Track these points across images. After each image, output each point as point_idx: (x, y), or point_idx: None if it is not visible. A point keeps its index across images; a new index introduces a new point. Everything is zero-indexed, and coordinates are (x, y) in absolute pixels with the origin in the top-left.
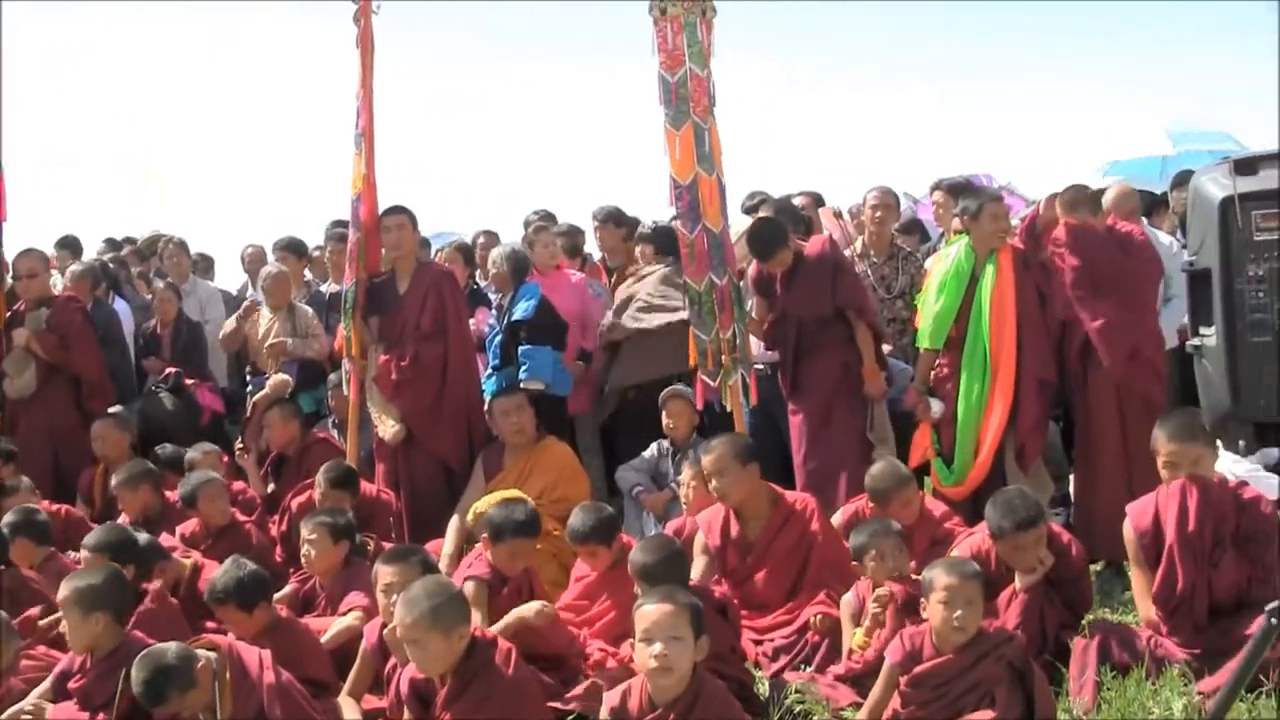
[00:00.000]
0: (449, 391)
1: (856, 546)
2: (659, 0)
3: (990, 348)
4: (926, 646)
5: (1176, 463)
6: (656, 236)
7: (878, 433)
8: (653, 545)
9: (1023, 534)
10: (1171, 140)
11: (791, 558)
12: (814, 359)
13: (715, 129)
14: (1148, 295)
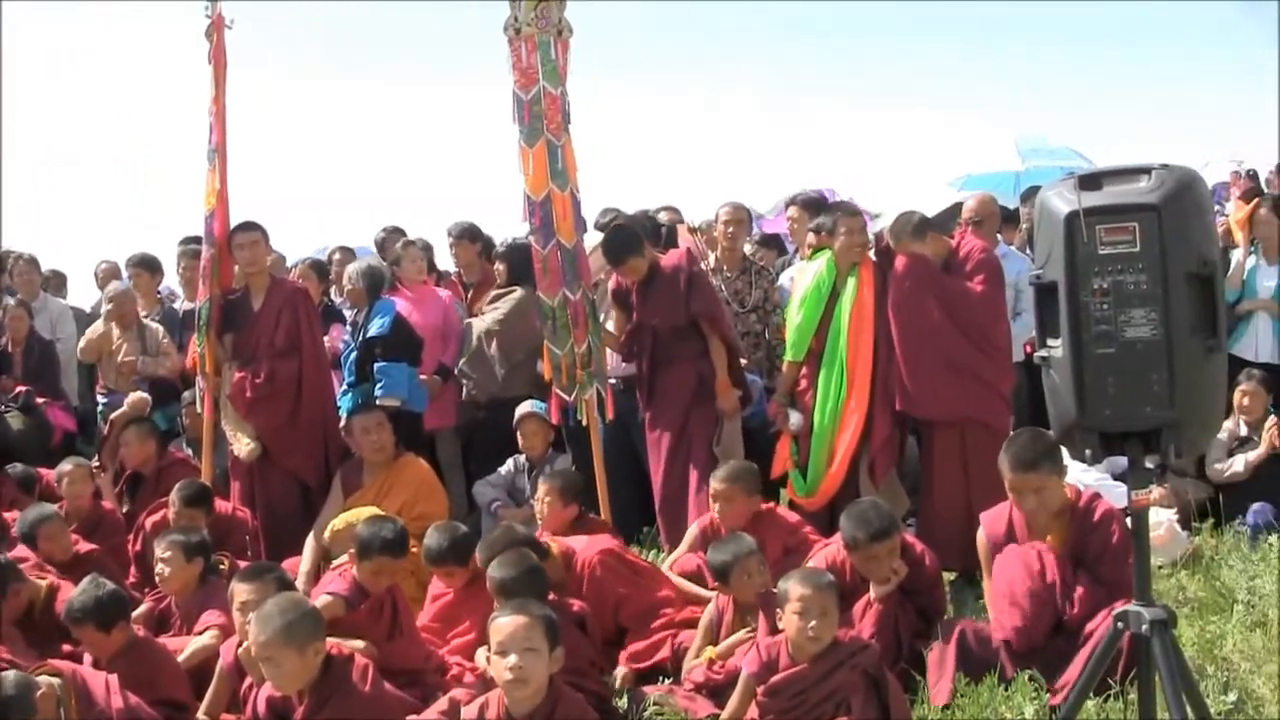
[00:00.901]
0: (304, 409)
1: (721, 563)
2: (514, 20)
3: (847, 361)
4: (782, 656)
5: (1019, 490)
6: (509, 255)
7: (724, 448)
8: (510, 560)
9: (876, 545)
10: (1021, 156)
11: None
12: (669, 370)
13: (570, 146)
14: (983, 323)
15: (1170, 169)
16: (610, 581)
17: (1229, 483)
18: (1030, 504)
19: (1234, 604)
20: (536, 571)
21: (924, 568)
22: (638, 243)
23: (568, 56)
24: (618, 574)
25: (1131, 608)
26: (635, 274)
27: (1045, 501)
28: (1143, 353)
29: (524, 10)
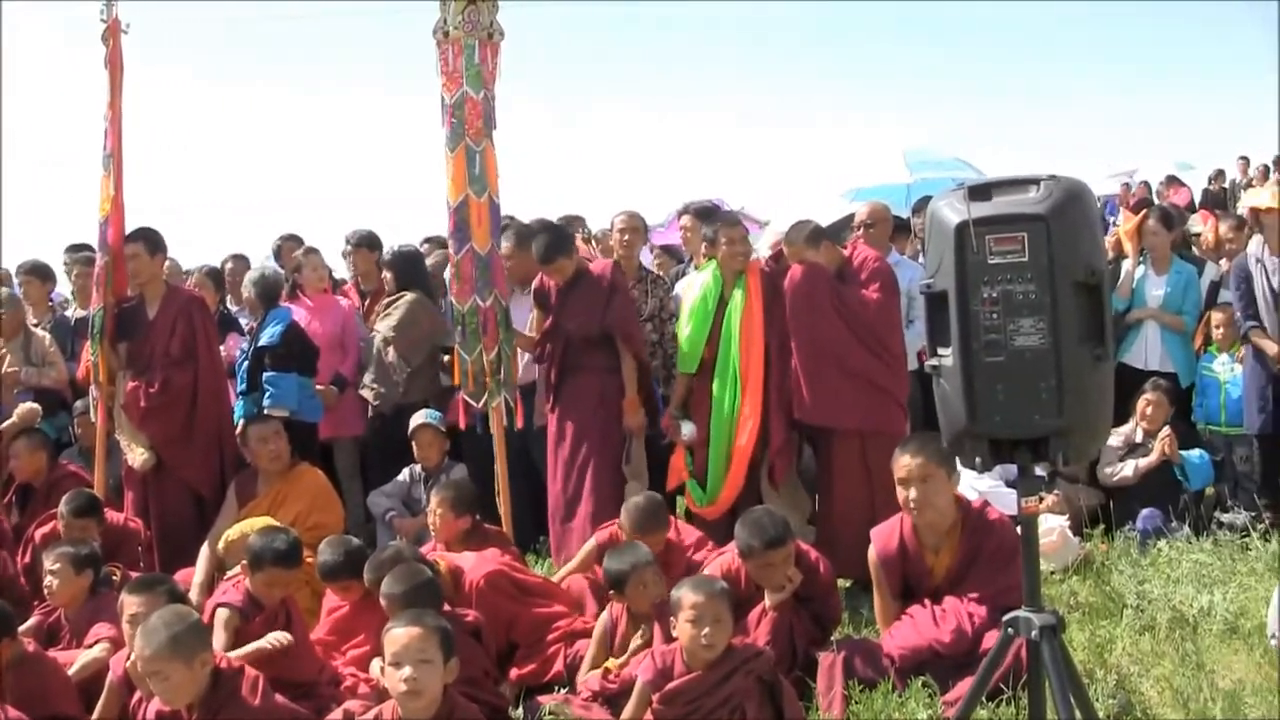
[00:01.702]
0: (199, 418)
1: (617, 573)
2: (443, 23)
3: (739, 370)
4: (677, 664)
5: (906, 479)
6: (396, 262)
7: (633, 467)
8: (403, 574)
9: (771, 552)
10: (909, 168)
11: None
12: (575, 378)
13: (491, 151)
14: (879, 331)
15: (1058, 180)
16: (499, 601)
17: (1119, 488)
18: (916, 494)
19: (1124, 608)
20: (430, 584)
21: (819, 575)
22: (568, 244)
23: (498, 60)
24: (506, 593)
25: (1021, 614)
26: (561, 275)
27: (931, 496)
28: (1031, 361)
29: (453, 13)
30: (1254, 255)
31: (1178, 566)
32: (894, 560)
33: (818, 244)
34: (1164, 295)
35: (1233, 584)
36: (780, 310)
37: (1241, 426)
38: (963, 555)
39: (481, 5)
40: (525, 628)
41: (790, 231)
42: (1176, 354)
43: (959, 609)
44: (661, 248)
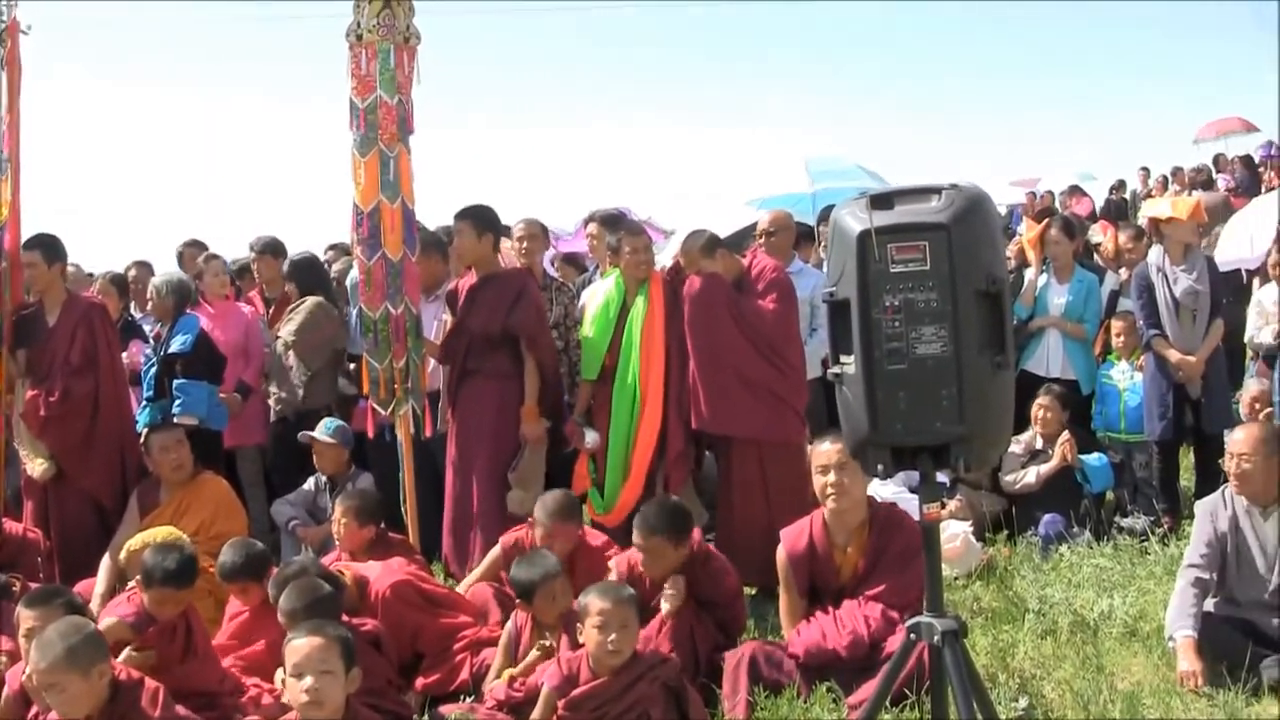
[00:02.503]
0: (100, 427)
1: (526, 583)
2: (356, 26)
3: (640, 378)
4: (583, 670)
5: (826, 465)
6: (295, 273)
7: (519, 474)
8: (300, 589)
9: (659, 538)
10: (812, 177)
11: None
12: (475, 382)
13: (406, 157)
14: (776, 340)
15: (960, 189)
16: (404, 611)
17: (1021, 494)
18: (834, 479)
19: (1026, 613)
20: (327, 600)
21: (724, 581)
22: (492, 226)
23: (414, 64)
24: (412, 603)
25: (924, 619)
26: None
27: (849, 485)
28: (933, 369)
29: (367, 16)
30: (1155, 265)
31: (1079, 571)
32: (803, 559)
33: (713, 253)
34: (1066, 303)
35: (1132, 588)
36: (681, 319)
37: (1140, 434)
38: (870, 553)
39: (397, 9)
40: (430, 637)
41: (686, 241)
42: (1077, 361)
43: (855, 615)
44: (566, 256)
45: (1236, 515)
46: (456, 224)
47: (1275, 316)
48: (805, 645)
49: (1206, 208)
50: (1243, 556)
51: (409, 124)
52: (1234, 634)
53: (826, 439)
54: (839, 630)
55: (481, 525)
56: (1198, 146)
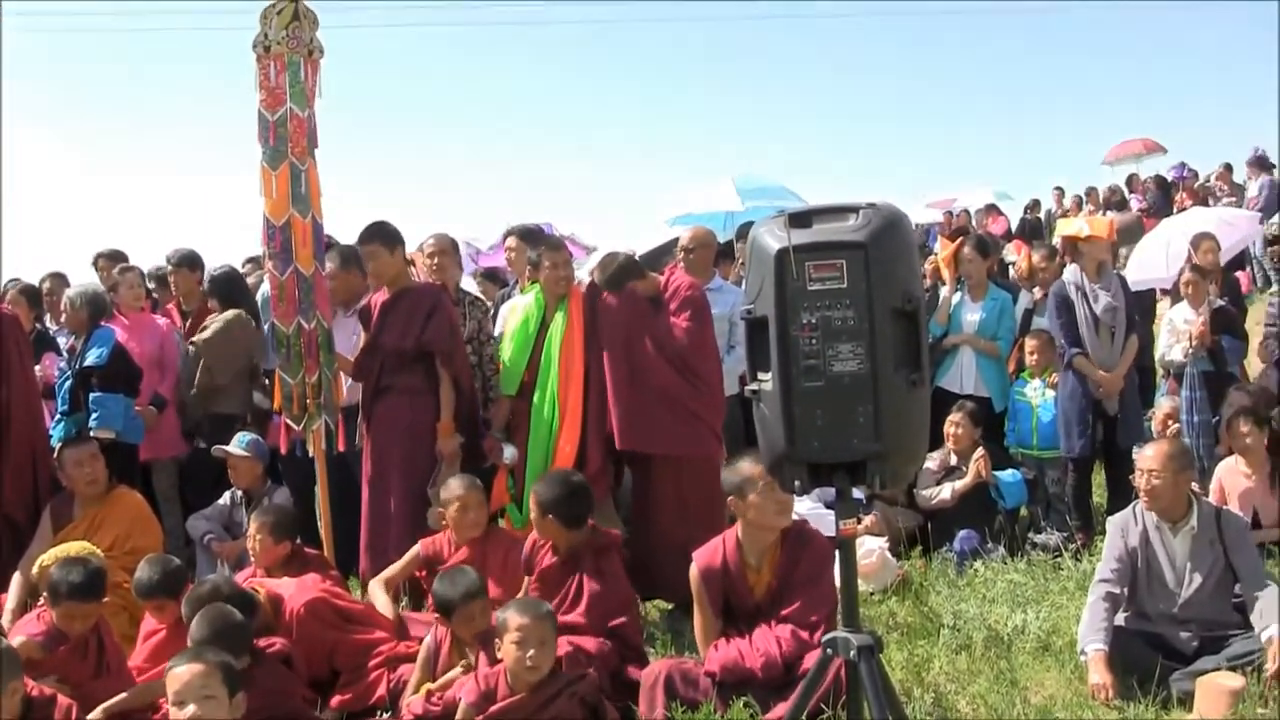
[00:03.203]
0: (12, 440)
1: (446, 600)
2: (264, 38)
3: (558, 394)
4: (501, 686)
5: (755, 477)
6: (216, 288)
7: (439, 490)
8: (209, 618)
9: (548, 521)
10: (740, 196)
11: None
12: (389, 398)
13: (314, 170)
14: (691, 358)
15: (877, 208)
16: (320, 629)
17: (936, 511)
18: (767, 498)
19: (941, 628)
20: (237, 627)
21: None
22: (393, 241)
23: (318, 78)
24: (327, 621)
25: (840, 634)
26: (378, 273)
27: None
28: (849, 386)
29: (275, 28)
30: (1073, 283)
31: (993, 586)
32: (716, 577)
33: (619, 286)
34: (979, 321)
35: (1045, 603)
36: (600, 335)
37: (1052, 450)
38: (782, 571)
39: (303, 22)
40: (346, 654)
41: (602, 261)
42: (991, 378)
43: (768, 637)
44: (486, 271)
45: (1147, 531)
46: (366, 248)
47: (1186, 335)
48: (721, 663)
49: (1121, 228)
50: (1153, 571)
51: (316, 138)
52: (1144, 647)
53: (749, 456)
54: (754, 651)
55: (396, 541)
56: (1111, 168)
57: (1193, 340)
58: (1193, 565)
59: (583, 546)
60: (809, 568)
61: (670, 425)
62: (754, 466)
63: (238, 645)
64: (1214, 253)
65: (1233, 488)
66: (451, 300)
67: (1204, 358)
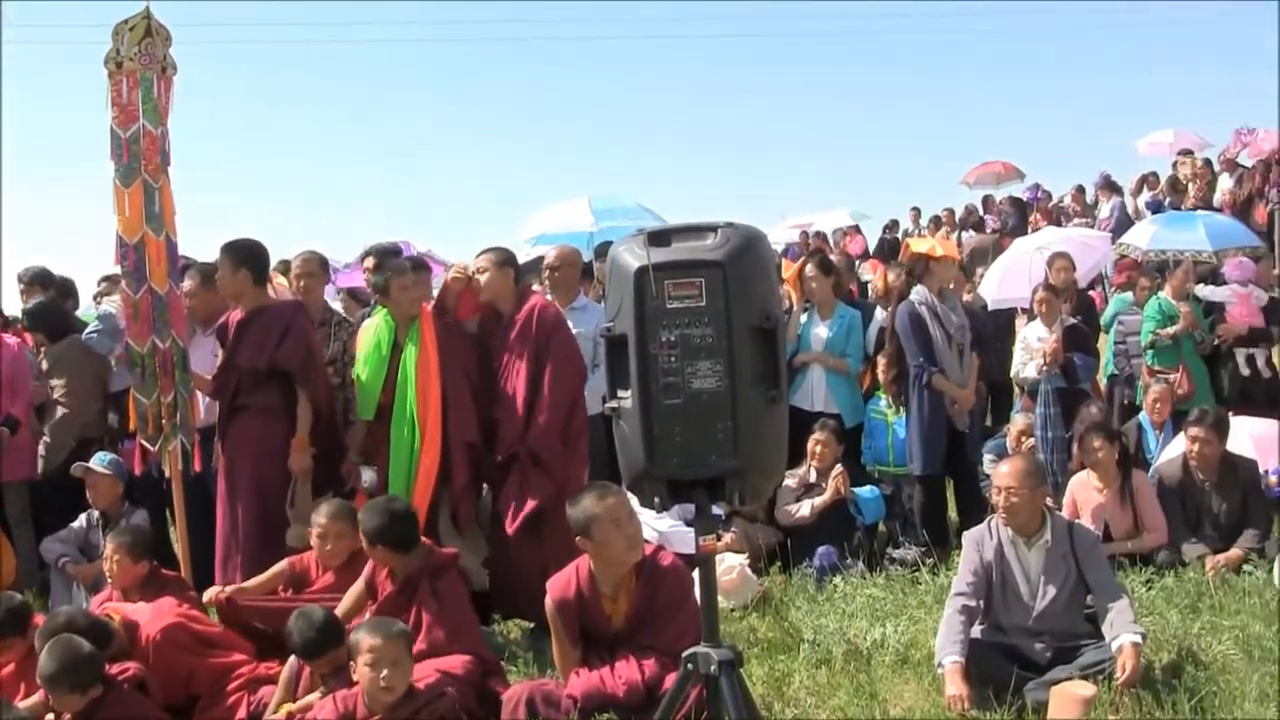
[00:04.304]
0: None
1: (307, 641)
2: (115, 54)
3: (417, 414)
4: (359, 708)
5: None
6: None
7: (298, 510)
8: (57, 651)
9: (377, 549)
10: (595, 216)
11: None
12: (244, 417)
13: (168, 188)
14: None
15: (735, 227)
16: (176, 655)
17: (796, 527)
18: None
19: (801, 643)
20: (87, 661)
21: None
22: (257, 264)
23: (171, 94)
24: (183, 646)
25: (700, 649)
26: (237, 295)
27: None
28: (708, 403)
29: (127, 44)
30: (923, 302)
31: (852, 601)
32: (571, 608)
33: None
34: (828, 338)
35: (904, 616)
36: (455, 353)
37: (910, 466)
38: (640, 601)
39: (156, 38)
40: (204, 679)
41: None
42: (841, 395)
43: (631, 665)
44: (348, 290)
45: (1002, 545)
46: (219, 258)
47: (1039, 352)
48: (584, 690)
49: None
50: (1008, 585)
51: (169, 155)
52: (1000, 659)
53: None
54: (615, 679)
55: (247, 560)
56: (970, 189)
57: (1046, 358)
58: (1046, 578)
59: (418, 571)
60: (670, 596)
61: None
62: (598, 503)
63: (87, 676)
64: (1068, 271)
65: (1085, 501)
66: (313, 320)
67: (1057, 375)
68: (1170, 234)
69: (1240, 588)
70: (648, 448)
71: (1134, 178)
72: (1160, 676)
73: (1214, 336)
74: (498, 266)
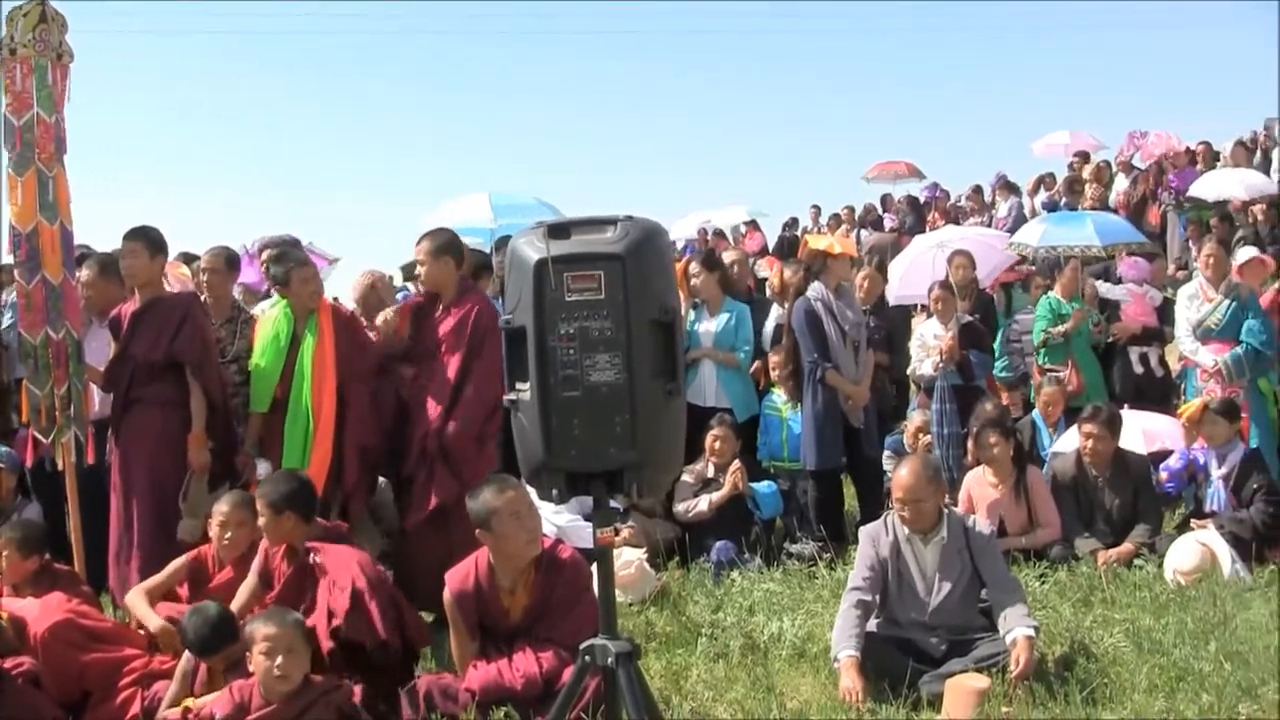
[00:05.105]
0: None
1: (201, 638)
2: (9, 40)
3: (312, 408)
4: (255, 697)
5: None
6: None
7: (190, 504)
8: None
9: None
10: (495, 212)
11: None
12: (139, 410)
13: (63, 177)
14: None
15: (634, 221)
16: (65, 651)
17: (694, 522)
18: (515, 529)
19: (699, 637)
20: None
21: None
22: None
23: (67, 83)
24: (73, 643)
25: (598, 642)
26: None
27: (527, 531)
28: (607, 396)
29: (21, 30)
30: (819, 299)
31: (750, 595)
32: (470, 600)
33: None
34: (716, 334)
35: (801, 611)
36: (351, 348)
37: (804, 461)
38: (538, 594)
39: (52, 25)
40: (96, 674)
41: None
42: (733, 390)
43: (529, 657)
44: (243, 285)
45: (898, 541)
46: (128, 244)
47: (935, 349)
48: (481, 682)
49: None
50: (904, 580)
51: (64, 144)
52: (895, 652)
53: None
54: (514, 672)
55: (141, 555)
56: (868, 183)
57: (942, 355)
58: (942, 574)
59: (319, 541)
60: (568, 590)
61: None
62: (497, 496)
63: None
64: (967, 269)
65: (980, 497)
66: (222, 316)
67: (953, 372)
68: (1060, 231)
69: (1131, 581)
70: (546, 440)
71: (1031, 178)
72: (1053, 669)
73: (1110, 327)
74: (434, 256)
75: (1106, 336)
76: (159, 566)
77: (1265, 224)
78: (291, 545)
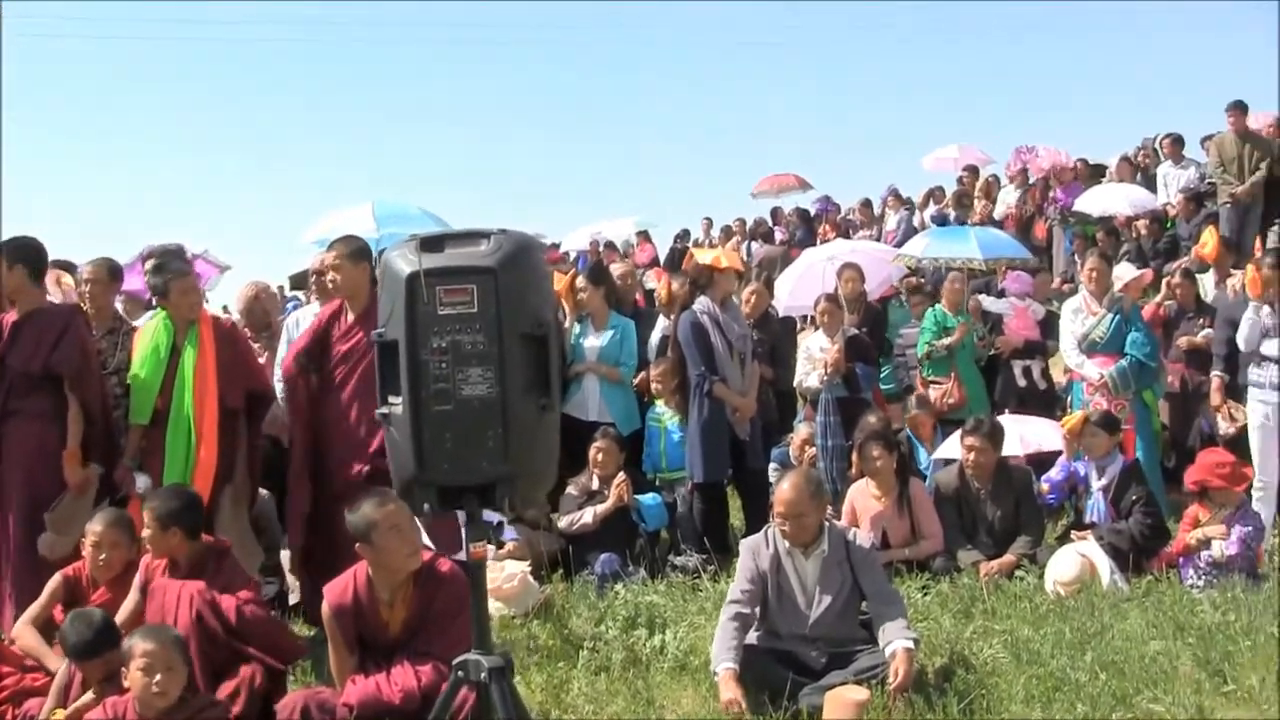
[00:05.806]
0: None
1: (80, 644)
2: None
3: (194, 419)
4: (129, 713)
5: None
6: None
7: (56, 517)
8: None
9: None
10: (378, 222)
11: None
12: (16, 421)
13: None
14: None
15: (508, 234)
16: None
17: (579, 534)
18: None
19: (581, 650)
20: None
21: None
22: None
23: None
24: None
25: (470, 656)
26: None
27: (408, 543)
28: (479, 409)
29: None
30: (705, 312)
31: (633, 608)
32: (348, 614)
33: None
34: (601, 348)
35: (684, 624)
36: (232, 359)
37: (682, 470)
38: (417, 608)
39: None
40: None
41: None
42: (616, 404)
43: (407, 671)
44: (128, 293)
45: (779, 554)
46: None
47: (821, 362)
48: (360, 696)
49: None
50: (784, 593)
51: None
52: (775, 665)
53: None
54: (392, 686)
55: (15, 572)
56: (755, 199)
57: (827, 367)
58: (822, 587)
59: (201, 557)
60: (447, 603)
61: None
62: (377, 509)
63: None
64: (856, 282)
65: (864, 509)
66: (104, 328)
67: (839, 384)
68: (943, 244)
69: (1012, 593)
70: (417, 454)
71: (921, 192)
72: (932, 680)
73: (993, 339)
74: (352, 260)
75: (990, 349)
76: (32, 582)
77: (1149, 238)
78: (174, 559)
